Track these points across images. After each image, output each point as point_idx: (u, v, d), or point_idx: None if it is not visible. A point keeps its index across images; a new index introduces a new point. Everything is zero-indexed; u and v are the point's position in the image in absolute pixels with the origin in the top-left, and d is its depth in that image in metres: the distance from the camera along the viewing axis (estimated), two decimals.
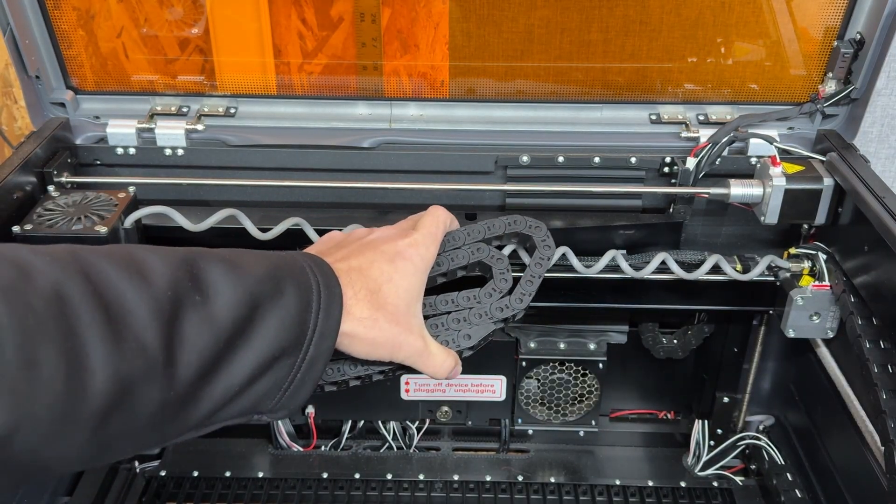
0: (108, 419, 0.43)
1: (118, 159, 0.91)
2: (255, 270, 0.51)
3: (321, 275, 0.54)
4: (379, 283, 0.58)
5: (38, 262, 0.43)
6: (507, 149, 0.91)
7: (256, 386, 0.50)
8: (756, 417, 1.04)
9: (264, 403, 0.51)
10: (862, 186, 0.78)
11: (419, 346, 0.60)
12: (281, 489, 0.99)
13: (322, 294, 0.53)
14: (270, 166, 0.90)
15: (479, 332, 0.65)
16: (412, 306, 0.60)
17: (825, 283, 0.82)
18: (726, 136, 0.87)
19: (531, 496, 0.99)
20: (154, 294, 0.45)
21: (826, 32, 0.88)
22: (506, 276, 0.68)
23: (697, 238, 0.93)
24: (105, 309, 0.43)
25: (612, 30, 0.88)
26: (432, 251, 0.64)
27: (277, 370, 0.51)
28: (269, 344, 0.50)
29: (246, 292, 0.49)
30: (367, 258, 0.60)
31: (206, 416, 0.48)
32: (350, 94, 0.93)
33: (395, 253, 0.61)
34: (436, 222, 0.66)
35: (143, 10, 0.88)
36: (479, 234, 0.71)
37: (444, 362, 0.62)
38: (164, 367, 0.45)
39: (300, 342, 0.51)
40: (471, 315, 0.66)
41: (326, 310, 0.53)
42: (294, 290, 0.52)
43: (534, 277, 0.69)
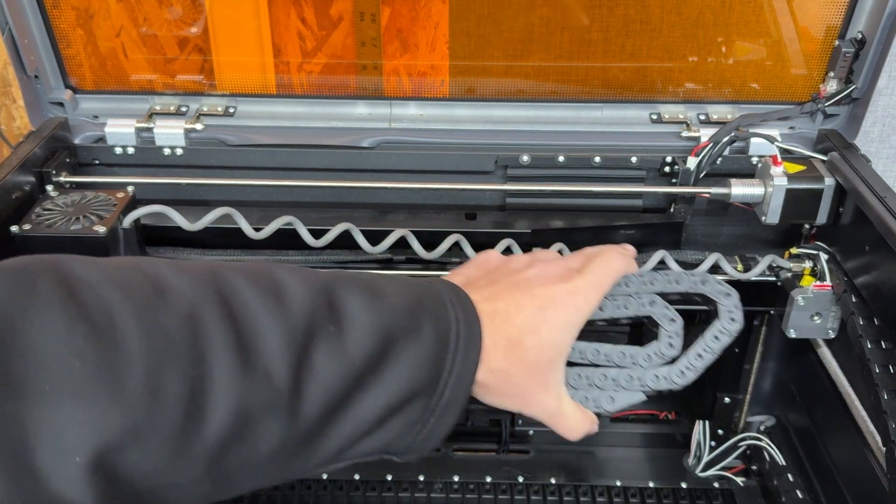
0: (227, 451, 0.41)
1: (117, 159, 0.90)
2: (395, 302, 0.48)
3: (463, 312, 0.50)
4: (523, 332, 0.52)
5: (175, 281, 0.42)
6: (507, 148, 0.90)
7: (387, 426, 0.47)
8: (757, 418, 1.04)
9: (396, 444, 0.49)
10: (863, 186, 0.78)
11: (552, 406, 0.55)
12: (280, 490, 0.99)
13: (462, 333, 0.49)
14: (270, 166, 0.90)
15: (626, 398, 0.56)
16: (555, 362, 0.54)
17: (826, 284, 0.82)
18: (727, 135, 0.86)
19: (531, 497, 0.99)
20: (290, 322, 0.43)
21: (827, 32, 0.87)
22: (674, 342, 0.59)
23: (698, 238, 0.93)
24: (238, 335, 0.41)
25: (613, 29, 0.88)
26: (593, 302, 0.55)
27: (410, 412, 0.47)
28: (402, 382, 0.46)
29: (382, 326, 0.46)
30: (516, 302, 0.53)
31: (333, 454, 0.46)
32: (350, 93, 0.93)
33: (548, 300, 0.53)
34: (607, 270, 0.57)
35: (143, 9, 0.88)
36: (658, 285, 0.62)
37: (578, 425, 0.56)
38: (289, 400, 0.42)
39: (435, 384, 0.48)
40: (621, 376, 0.57)
41: (465, 352, 0.49)
42: (432, 326, 0.48)
43: (706, 352, 0.59)
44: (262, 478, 0.45)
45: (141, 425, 0.37)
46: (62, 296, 0.38)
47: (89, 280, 0.40)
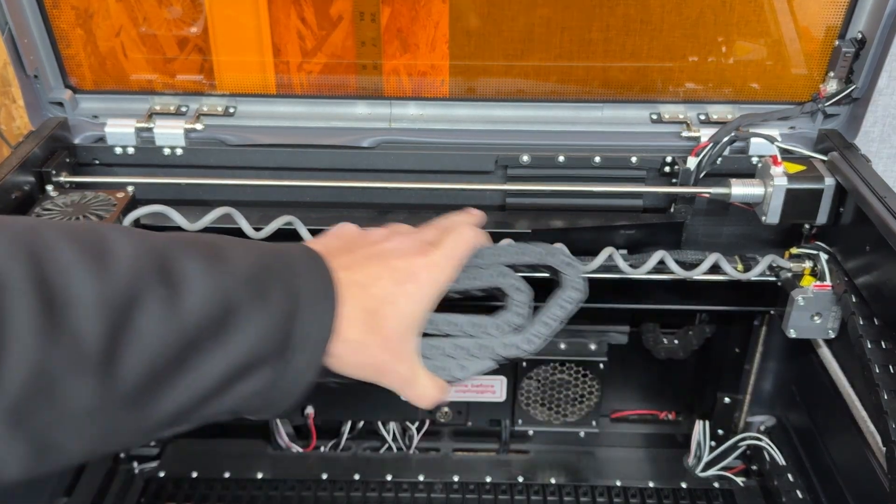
0: (30, 411, 0.40)
1: (117, 159, 0.90)
2: (240, 268, 0.47)
3: (319, 280, 0.50)
4: (380, 304, 0.53)
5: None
6: (508, 148, 0.90)
7: (232, 392, 0.47)
8: (757, 418, 1.04)
9: (244, 408, 0.48)
10: (863, 186, 0.78)
11: (406, 375, 0.56)
12: (280, 490, 0.99)
13: (314, 303, 0.49)
14: (270, 166, 0.90)
15: (476, 366, 0.59)
16: (410, 333, 0.55)
17: (826, 284, 0.82)
18: (727, 135, 0.86)
19: (531, 497, 0.99)
20: (109, 282, 0.42)
21: (827, 32, 0.87)
22: (522, 311, 0.61)
23: (698, 238, 0.93)
24: (45, 294, 0.40)
25: (613, 29, 0.88)
26: (449, 275, 0.57)
27: (257, 378, 0.47)
28: (245, 350, 0.46)
29: (222, 291, 0.45)
30: (374, 273, 0.54)
31: (171, 418, 0.45)
32: (350, 93, 0.93)
33: (406, 273, 0.55)
34: (461, 243, 0.59)
35: (142, 9, 0.88)
36: (508, 257, 0.64)
37: (429, 393, 0.57)
38: (102, 361, 0.41)
39: (284, 351, 0.48)
40: (472, 346, 0.59)
41: (318, 322, 0.49)
42: (281, 294, 0.48)
43: (552, 320, 0.61)
44: (90, 440, 0.43)
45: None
46: None
47: None
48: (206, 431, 1.04)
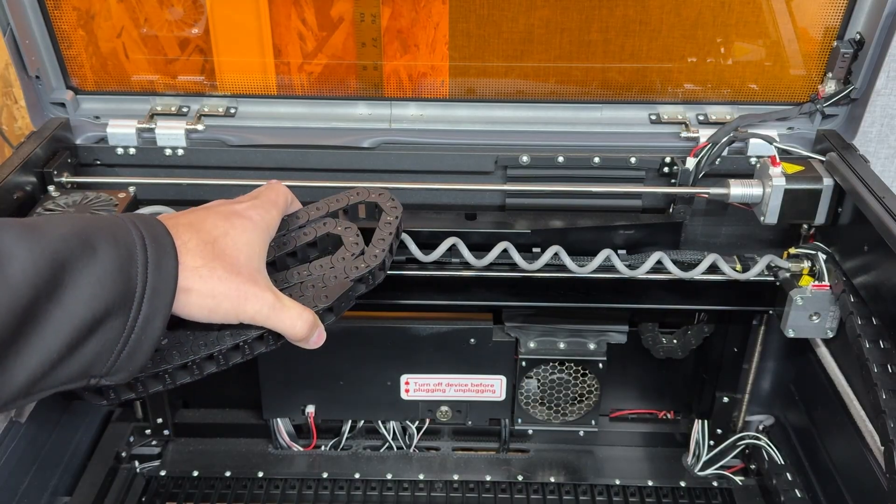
0: None
1: (118, 159, 0.91)
2: (59, 231, 0.47)
3: (145, 228, 0.51)
4: (213, 235, 0.55)
5: None
6: (507, 149, 0.91)
7: (83, 350, 0.47)
8: (756, 417, 1.04)
9: (96, 367, 0.49)
10: (861, 186, 0.78)
11: (269, 298, 0.55)
12: (281, 489, 0.99)
13: (149, 247, 0.50)
14: (270, 166, 0.90)
15: (336, 290, 0.63)
16: (254, 260, 0.57)
17: (825, 283, 0.82)
18: (726, 136, 0.87)
19: (531, 496, 0.99)
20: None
21: (826, 32, 0.88)
22: (357, 241, 0.67)
23: (697, 238, 0.93)
24: None
25: (612, 30, 0.88)
26: (273, 214, 0.62)
27: (105, 332, 0.48)
28: (85, 304, 0.46)
29: (46, 253, 0.46)
30: (200, 216, 0.57)
31: (26, 385, 0.46)
32: (350, 94, 0.93)
33: (230, 212, 0.58)
34: (275, 191, 0.64)
35: (143, 10, 0.88)
36: (323, 209, 0.70)
37: (300, 316, 0.57)
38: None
39: (129, 299, 0.48)
40: (326, 279, 0.64)
41: (156, 262, 0.50)
42: (110, 245, 0.48)
43: (384, 236, 0.68)
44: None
45: None
46: None
47: None
48: (206, 431, 1.05)
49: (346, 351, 0.95)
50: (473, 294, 0.86)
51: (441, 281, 0.85)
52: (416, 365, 0.96)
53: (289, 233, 0.67)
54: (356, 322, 0.94)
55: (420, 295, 0.86)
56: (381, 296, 0.86)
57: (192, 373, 0.59)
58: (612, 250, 0.82)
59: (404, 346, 0.95)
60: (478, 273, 0.84)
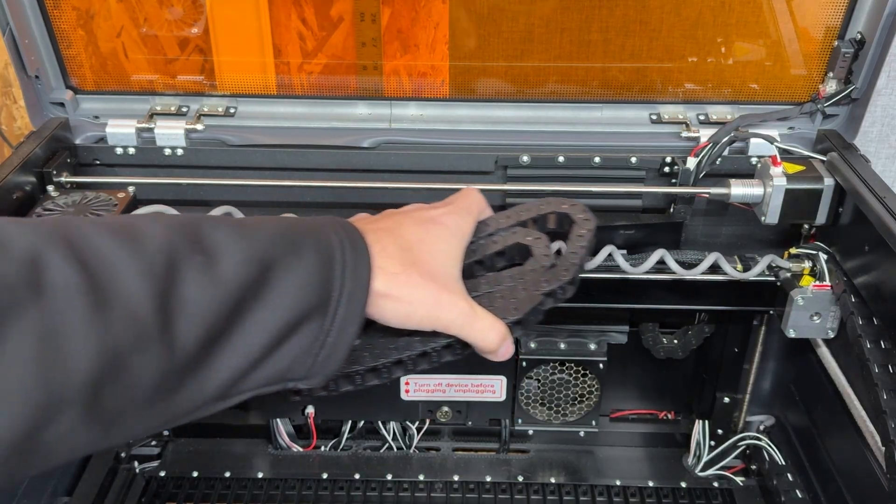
0: (102, 392, 0.40)
1: (118, 159, 0.90)
2: (268, 231, 0.48)
3: (344, 232, 0.51)
4: (410, 241, 0.54)
5: (14, 230, 0.40)
6: (508, 149, 0.91)
7: (281, 351, 0.47)
8: (756, 417, 1.04)
9: (294, 370, 0.49)
10: (862, 186, 0.78)
11: (464, 307, 0.54)
12: (281, 489, 0.99)
13: (346, 251, 0.50)
14: (270, 166, 0.90)
15: (526, 304, 0.59)
16: (449, 267, 0.56)
17: (826, 283, 0.82)
18: (727, 135, 0.87)
19: (531, 496, 0.99)
20: (146, 258, 0.42)
21: (826, 32, 0.88)
22: (547, 253, 0.64)
23: (698, 238, 0.93)
24: (89, 273, 0.40)
25: (613, 29, 0.88)
26: (468, 222, 0.60)
27: (304, 334, 0.48)
28: (288, 306, 0.47)
29: (256, 252, 0.46)
30: (397, 221, 0.56)
31: (226, 385, 0.46)
32: (350, 93, 0.93)
33: (426, 218, 0.57)
34: (470, 198, 0.63)
35: (143, 9, 0.88)
36: (512, 218, 0.67)
37: (492, 327, 0.56)
38: (160, 333, 0.42)
39: (326, 303, 0.48)
40: (515, 291, 0.60)
41: (353, 267, 0.50)
42: (313, 248, 0.49)
43: (577, 249, 0.64)
44: (153, 417, 0.44)
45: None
46: None
47: None
48: (206, 431, 1.05)
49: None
50: None
51: None
52: None
53: (477, 240, 0.64)
54: None
55: None
56: None
57: (381, 376, 0.58)
58: (614, 247, 0.82)
59: None
60: None
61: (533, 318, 0.61)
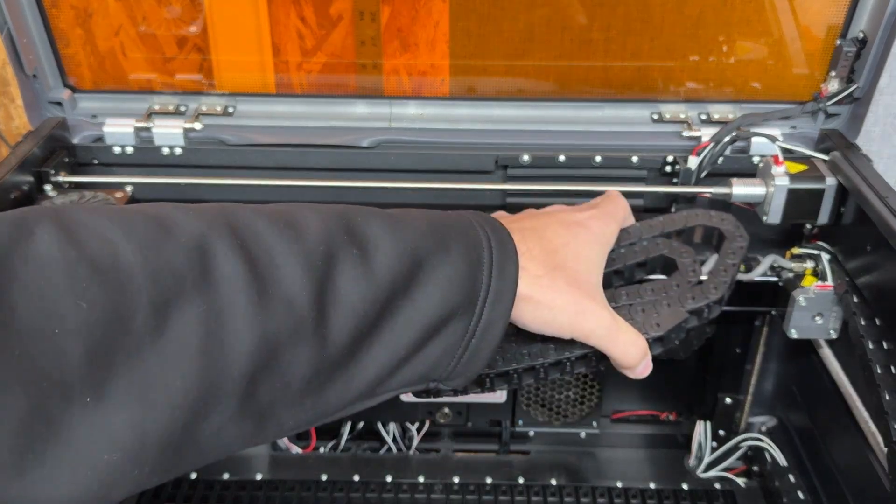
0: (257, 385, 0.40)
1: (116, 159, 0.90)
2: (419, 226, 0.47)
3: (492, 231, 0.50)
4: (555, 244, 0.53)
5: (182, 218, 0.40)
6: (508, 148, 0.90)
7: (426, 351, 0.46)
8: (758, 419, 1.03)
9: (437, 371, 0.48)
10: (865, 186, 0.78)
11: (606, 317, 0.52)
12: (280, 491, 0.98)
13: (494, 250, 0.49)
14: (269, 165, 0.90)
15: (669, 320, 0.56)
16: (593, 274, 0.54)
17: (828, 284, 0.82)
18: (728, 135, 0.86)
19: (532, 498, 0.99)
20: (306, 248, 0.42)
21: (829, 31, 0.87)
22: (695, 268, 0.60)
23: None
24: (251, 263, 0.40)
25: (614, 28, 0.88)
26: (613, 228, 0.58)
27: (449, 334, 0.47)
28: (435, 304, 0.46)
29: (408, 247, 0.46)
30: (542, 222, 0.55)
31: (373, 383, 0.45)
32: (349, 92, 0.93)
33: (572, 221, 0.56)
34: (616, 204, 0.61)
35: (141, 8, 0.87)
36: (657, 228, 0.63)
37: (634, 343, 0.53)
38: (315, 325, 0.41)
39: (472, 302, 0.47)
40: (658, 305, 0.57)
41: (500, 267, 0.48)
42: (461, 245, 0.48)
43: (728, 266, 0.60)
44: (302, 413, 0.43)
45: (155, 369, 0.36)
46: (61, 238, 0.37)
47: (89, 223, 0.39)
48: None
49: None
50: None
51: None
52: None
53: (617, 248, 0.61)
54: None
55: None
56: None
57: (512, 381, 0.56)
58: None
59: None
60: None
61: (675, 335, 0.57)
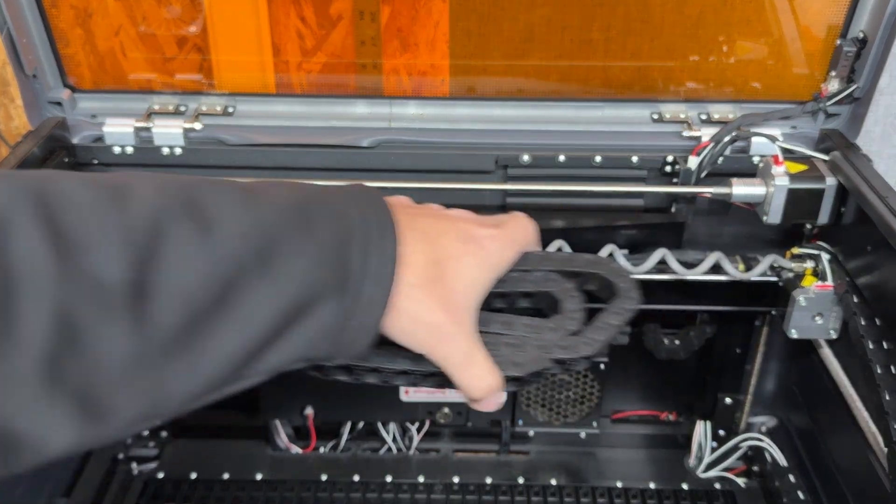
0: (63, 365, 0.37)
1: (116, 159, 0.90)
2: (278, 200, 0.44)
3: (375, 211, 0.46)
4: (443, 255, 0.49)
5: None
6: (508, 148, 0.90)
7: (295, 333, 0.43)
8: (758, 419, 1.03)
9: (313, 352, 0.45)
10: (865, 186, 0.78)
11: (466, 349, 0.50)
12: (279, 491, 0.98)
13: (372, 230, 0.45)
14: (269, 165, 0.90)
15: (531, 364, 0.54)
16: (470, 299, 0.50)
17: (828, 284, 0.82)
18: (728, 135, 0.86)
19: (532, 498, 0.99)
20: (128, 220, 0.39)
21: (829, 31, 0.87)
22: (575, 315, 0.58)
23: (699, 238, 0.93)
24: (56, 236, 0.37)
25: (614, 28, 0.88)
26: (509, 255, 0.54)
27: (320, 315, 0.43)
28: (296, 282, 0.42)
29: (260, 223, 0.42)
30: (439, 227, 0.51)
31: (232, 366, 0.42)
32: (349, 92, 0.93)
33: (470, 236, 0.51)
34: (522, 228, 0.57)
35: (141, 8, 0.87)
36: (556, 263, 0.61)
37: (485, 376, 0.51)
38: (131, 303, 0.38)
39: (344, 281, 0.44)
40: (526, 345, 0.55)
41: (379, 247, 0.45)
42: (330, 223, 0.44)
43: (607, 326, 0.58)
44: (138, 396, 0.40)
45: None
46: None
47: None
48: (205, 433, 1.05)
49: None
50: None
51: None
52: None
53: (510, 272, 0.58)
54: None
55: None
56: None
57: (352, 374, 0.54)
58: (615, 246, 0.81)
59: None
60: None
61: (534, 379, 0.55)
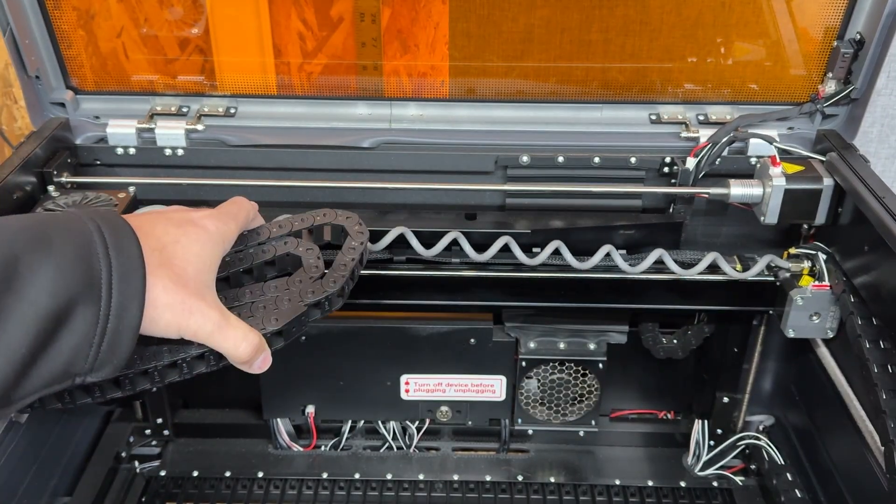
0: None
1: (118, 159, 0.91)
2: (9, 225, 0.46)
3: (101, 219, 0.49)
4: (163, 242, 0.53)
5: None
6: (507, 149, 0.91)
7: (57, 344, 0.45)
8: (756, 417, 1.04)
9: (78, 363, 0.47)
10: (862, 186, 0.78)
11: (215, 316, 0.53)
12: (281, 489, 0.99)
13: (106, 234, 0.48)
14: (270, 166, 0.90)
15: (288, 314, 0.59)
16: (203, 273, 0.54)
17: (825, 283, 0.82)
18: (726, 136, 0.87)
19: (531, 496, 0.99)
20: None
21: (826, 32, 0.88)
22: (317, 264, 0.64)
23: (697, 238, 0.93)
24: None
25: (613, 30, 0.88)
26: (230, 227, 0.59)
27: (78, 322, 0.46)
28: (47, 294, 0.44)
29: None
30: (151, 219, 0.55)
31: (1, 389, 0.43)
32: (350, 94, 0.93)
33: (184, 220, 0.56)
34: (236, 205, 0.63)
35: (143, 9, 0.88)
36: (286, 227, 0.67)
37: (244, 338, 0.54)
38: None
39: (94, 286, 0.47)
40: (279, 301, 0.60)
41: (117, 247, 0.48)
42: (65, 235, 0.47)
43: (346, 263, 0.65)
44: None
45: None
46: None
47: None
48: (206, 431, 1.05)
49: (346, 351, 0.95)
50: (474, 294, 0.86)
51: (441, 281, 0.85)
52: (416, 365, 0.96)
53: (246, 249, 0.64)
54: (356, 322, 0.94)
55: (420, 295, 0.86)
56: (382, 295, 0.86)
57: (125, 387, 0.56)
58: (612, 247, 0.82)
59: (404, 346, 0.95)
60: (478, 273, 0.84)
61: (296, 328, 0.60)
